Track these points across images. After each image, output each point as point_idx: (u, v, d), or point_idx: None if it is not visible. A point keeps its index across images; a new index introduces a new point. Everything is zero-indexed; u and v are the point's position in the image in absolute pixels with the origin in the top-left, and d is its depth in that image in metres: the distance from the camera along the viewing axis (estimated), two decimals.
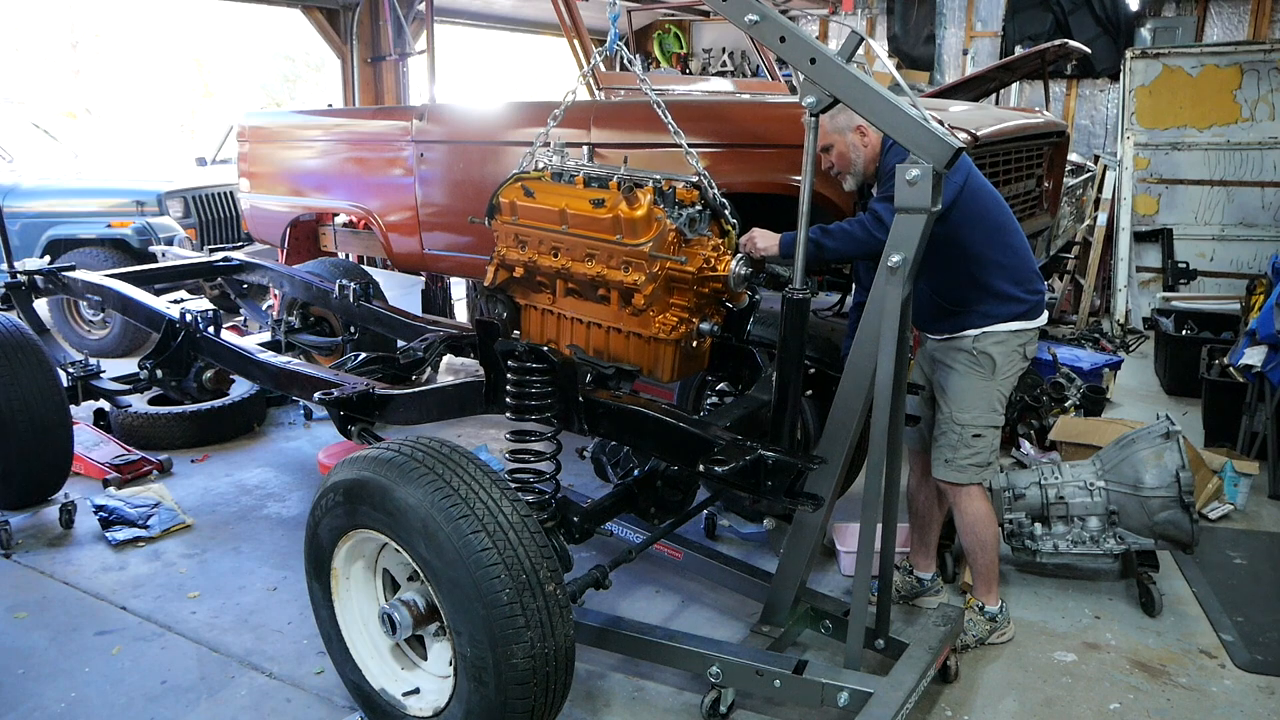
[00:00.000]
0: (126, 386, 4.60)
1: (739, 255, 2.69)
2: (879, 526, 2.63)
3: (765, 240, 2.76)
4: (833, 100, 2.31)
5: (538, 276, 2.95)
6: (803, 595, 2.96)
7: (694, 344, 2.81)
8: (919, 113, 2.20)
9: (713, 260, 2.66)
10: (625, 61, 2.97)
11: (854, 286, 3.14)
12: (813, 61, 2.29)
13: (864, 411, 2.53)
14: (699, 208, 2.71)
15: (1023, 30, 10.21)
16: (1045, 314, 2.95)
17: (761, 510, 3.74)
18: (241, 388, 4.98)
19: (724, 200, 2.77)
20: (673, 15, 12.05)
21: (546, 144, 2.98)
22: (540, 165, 2.94)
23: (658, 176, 2.70)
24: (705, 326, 2.76)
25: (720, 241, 2.75)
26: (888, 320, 2.34)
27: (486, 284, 3.09)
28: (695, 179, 2.73)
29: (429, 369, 3.71)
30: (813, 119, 2.36)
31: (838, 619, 2.91)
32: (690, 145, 2.77)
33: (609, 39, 3.00)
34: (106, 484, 4.25)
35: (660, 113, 2.78)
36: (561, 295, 2.93)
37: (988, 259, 2.78)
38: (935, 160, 2.18)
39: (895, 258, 2.29)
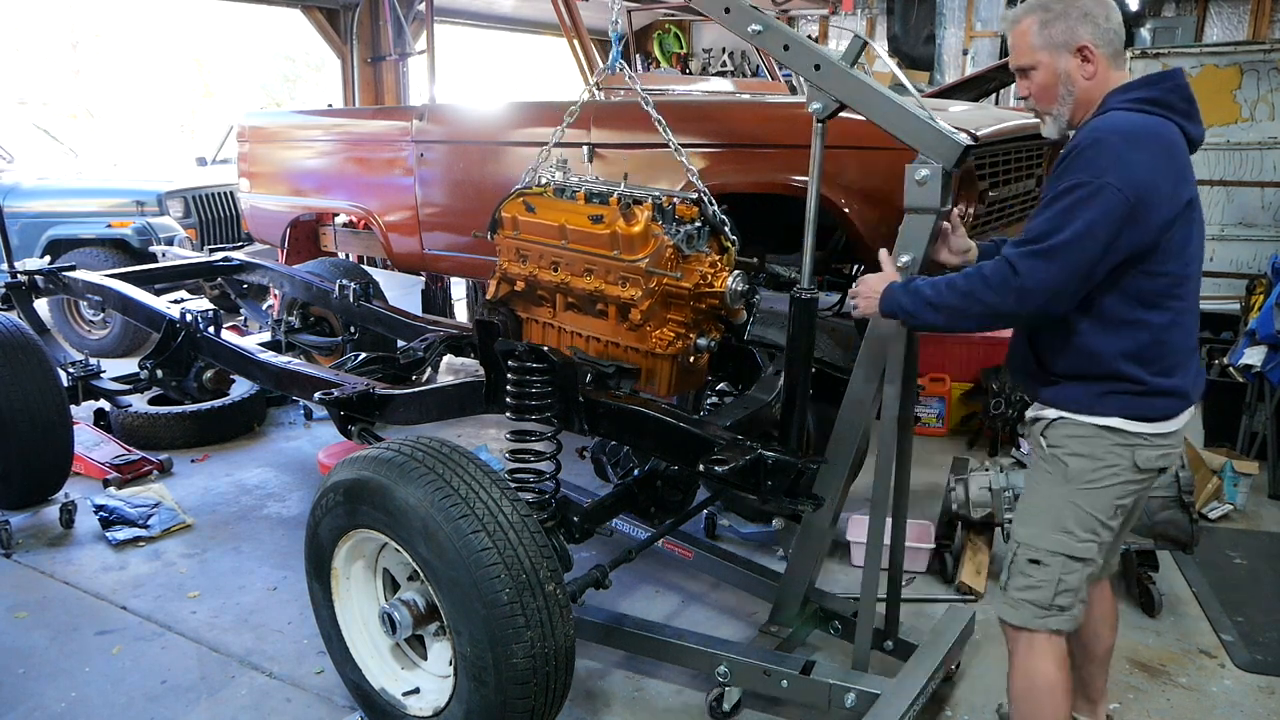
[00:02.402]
0: (126, 386, 4.60)
1: (738, 272, 2.68)
2: (888, 524, 2.62)
3: (866, 304, 2.21)
4: (839, 105, 2.32)
5: (538, 290, 2.96)
6: (811, 595, 2.96)
7: (691, 359, 2.81)
8: (925, 113, 2.20)
9: (709, 276, 2.66)
10: (627, 78, 2.98)
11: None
12: (817, 68, 2.30)
13: (873, 411, 2.53)
14: (698, 224, 2.71)
15: None
16: (1184, 416, 2.09)
17: (770, 510, 3.74)
18: (241, 388, 4.98)
19: (724, 217, 2.76)
20: (673, 15, 12.05)
21: (557, 145, 2.98)
22: (543, 180, 2.95)
23: (658, 193, 2.71)
24: (703, 342, 2.76)
25: (718, 258, 2.74)
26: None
27: (488, 297, 3.10)
28: (695, 195, 2.72)
29: (429, 369, 3.71)
30: (820, 125, 2.36)
31: (846, 619, 2.91)
32: (691, 145, 2.77)
33: (611, 57, 3.01)
34: (107, 484, 4.26)
35: (660, 128, 2.78)
36: (561, 309, 2.94)
37: (1119, 316, 2.00)
38: (944, 160, 2.17)
39: (904, 258, 2.27)
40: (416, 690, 2.53)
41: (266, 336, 5.13)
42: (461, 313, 7.08)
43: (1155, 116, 1.94)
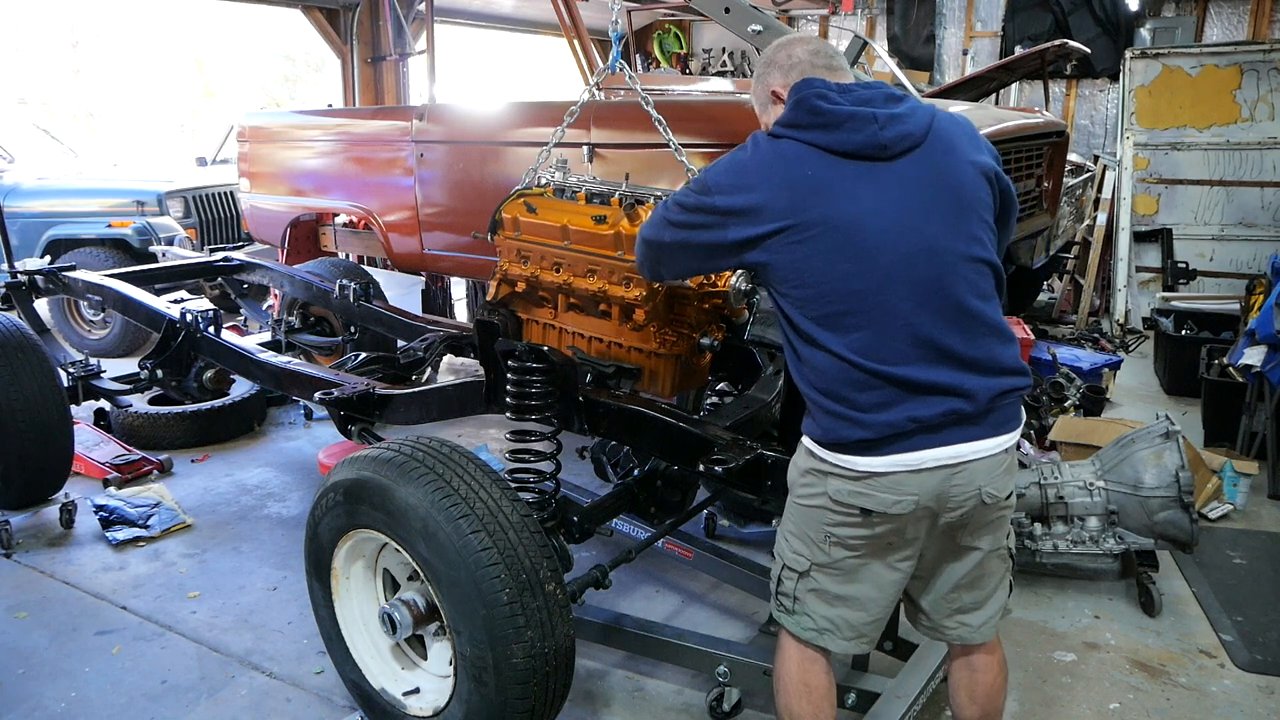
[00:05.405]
0: (127, 386, 4.60)
1: (740, 272, 2.69)
2: None
3: None
4: None
5: (540, 291, 2.96)
6: None
7: (694, 359, 2.81)
8: None
9: (713, 276, 2.67)
10: (627, 78, 2.98)
11: None
12: None
13: None
14: None
15: (1023, 30, 10.23)
16: (891, 461, 1.86)
17: (770, 510, 3.74)
18: (242, 388, 4.98)
19: None
20: (673, 15, 12.05)
21: (557, 145, 2.99)
22: (543, 181, 2.96)
23: (658, 193, 2.71)
24: (706, 342, 2.76)
25: None
26: None
27: (489, 298, 3.10)
28: None
29: (429, 369, 3.71)
30: None
31: None
32: (691, 145, 2.78)
33: (611, 57, 3.01)
34: (107, 484, 4.26)
35: (660, 128, 2.78)
36: (563, 310, 2.94)
37: (788, 334, 1.99)
38: None
39: None
40: (416, 690, 2.53)
41: (266, 336, 5.13)
42: (461, 313, 7.08)
43: (782, 140, 1.93)
